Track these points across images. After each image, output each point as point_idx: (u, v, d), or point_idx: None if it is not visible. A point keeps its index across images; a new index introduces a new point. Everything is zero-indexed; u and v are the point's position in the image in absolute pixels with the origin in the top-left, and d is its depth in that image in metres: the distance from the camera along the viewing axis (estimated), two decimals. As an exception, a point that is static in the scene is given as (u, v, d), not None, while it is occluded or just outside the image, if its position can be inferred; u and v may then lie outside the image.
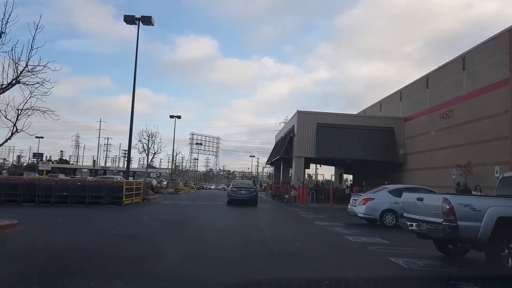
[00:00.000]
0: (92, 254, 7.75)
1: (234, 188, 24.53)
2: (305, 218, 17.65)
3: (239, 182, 27.45)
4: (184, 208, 21.49)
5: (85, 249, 8.27)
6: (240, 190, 23.62)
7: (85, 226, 12.28)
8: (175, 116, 53.51)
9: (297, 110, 33.25)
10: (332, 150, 31.92)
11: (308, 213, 20.28)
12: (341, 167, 54.58)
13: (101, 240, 9.64)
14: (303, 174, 33.08)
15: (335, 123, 32.94)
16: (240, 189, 23.85)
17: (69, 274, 6.05)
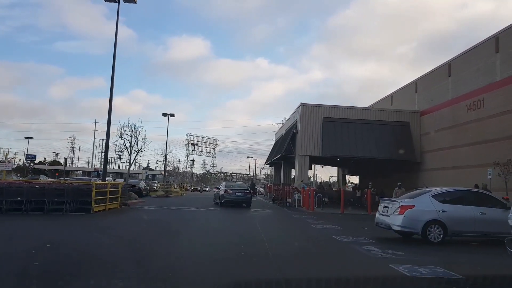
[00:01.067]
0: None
1: (229, 190, 23.61)
2: (320, 231, 13.63)
3: (233, 184, 26.75)
4: (167, 216, 17.46)
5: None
6: (235, 192, 23.05)
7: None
8: (168, 114, 49.74)
9: (300, 102, 29.30)
10: (340, 147, 27.96)
11: (319, 222, 16.28)
12: (344, 167, 50.65)
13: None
14: (307, 174, 29.16)
15: (343, 117, 29.01)
16: (235, 190, 23.32)
17: None
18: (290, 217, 18.96)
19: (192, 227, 13.45)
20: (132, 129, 25.53)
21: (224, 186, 24.78)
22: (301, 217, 18.85)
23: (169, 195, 36.29)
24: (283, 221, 17.05)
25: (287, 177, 36.74)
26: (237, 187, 24.95)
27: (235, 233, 12.28)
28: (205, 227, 13.90)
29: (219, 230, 12.95)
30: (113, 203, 20.08)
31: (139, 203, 24.46)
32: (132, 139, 25.68)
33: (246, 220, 16.36)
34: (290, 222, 16.92)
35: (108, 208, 19.01)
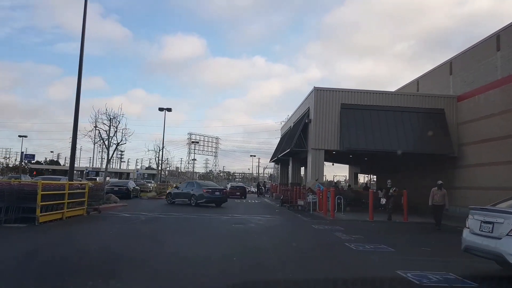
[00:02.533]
0: None
1: (208, 189, 23.49)
2: (366, 257, 8.56)
3: (207, 184, 26.52)
4: (139, 228, 12.48)
5: None
6: (214, 192, 23.40)
7: None
8: (164, 108, 44.99)
9: (314, 86, 24.26)
10: (362, 139, 22.89)
11: (354, 238, 11.27)
12: (356, 165, 45.55)
13: None
14: (322, 172, 24.16)
15: (365, 103, 23.96)
16: (214, 190, 23.72)
17: None
18: (309, 229, 13.88)
19: (165, 253, 8.41)
20: (110, 117, 20.61)
21: (198, 185, 24.13)
22: (324, 228, 13.79)
23: (162, 197, 31.29)
24: (304, 238, 11.92)
25: (296, 175, 31.67)
26: (213, 186, 25.34)
27: (236, 270, 7.23)
28: (186, 247, 8.88)
29: (211, 255, 7.92)
30: (77, 209, 15.15)
31: (117, 208, 19.49)
32: (111, 130, 20.77)
33: (251, 237, 11.32)
34: (313, 238, 11.80)
35: (67, 216, 14.08)
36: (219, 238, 10.46)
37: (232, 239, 10.47)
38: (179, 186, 26.04)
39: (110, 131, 20.55)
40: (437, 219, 14.49)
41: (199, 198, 22.55)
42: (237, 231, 12.26)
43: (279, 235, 12.20)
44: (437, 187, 14.92)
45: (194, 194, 22.81)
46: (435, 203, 14.55)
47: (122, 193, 28.73)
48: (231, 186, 40.89)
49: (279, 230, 13.51)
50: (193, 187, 23.55)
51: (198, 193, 22.76)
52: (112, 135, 20.70)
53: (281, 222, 15.92)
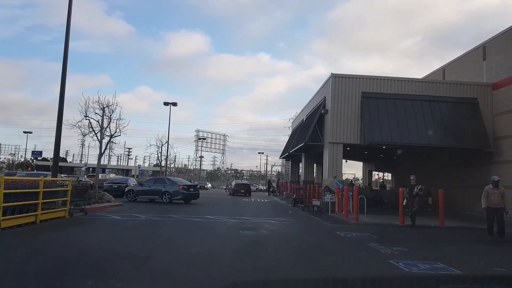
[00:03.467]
0: None
1: (184, 186, 22.97)
2: (428, 283, 5.90)
3: (181, 180, 26.38)
4: (125, 237, 9.92)
5: None
6: (189, 188, 23.04)
7: None
8: (170, 103, 42.70)
9: (331, 73, 21.53)
10: (386, 132, 20.15)
11: (396, 252, 8.63)
12: (371, 162, 42.74)
13: None
14: (341, 168, 21.47)
15: (388, 91, 21.23)
16: (189, 187, 23.44)
17: None
18: (335, 237, 11.20)
19: (148, 279, 5.83)
20: (102, 106, 18.11)
21: (172, 182, 23.21)
22: (352, 236, 11.12)
23: (164, 195, 28.85)
24: (333, 252, 9.20)
25: (309, 173, 28.99)
26: (187, 183, 25.10)
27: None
28: (175, 280, 6.28)
29: None
30: (56, 211, 12.67)
31: (110, 208, 17.01)
32: (105, 120, 18.29)
33: (265, 250, 8.73)
34: (346, 252, 9.07)
35: (43, 219, 11.61)
36: (223, 253, 7.86)
37: (241, 255, 7.87)
38: (143, 184, 24.64)
39: (103, 121, 18.07)
40: (500, 226, 10.99)
41: (174, 195, 21.72)
42: (246, 241, 9.67)
43: (301, 246, 9.56)
44: (491, 184, 11.69)
45: (168, 191, 21.88)
46: (491, 205, 11.32)
47: (121, 191, 26.31)
48: (235, 183, 39.65)
49: (298, 239, 10.86)
50: (165, 183, 22.44)
51: (173, 190, 21.88)
52: (105, 126, 18.22)
53: (299, 228, 13.27)
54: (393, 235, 11.96)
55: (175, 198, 21.73)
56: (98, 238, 9.37)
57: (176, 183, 22.53)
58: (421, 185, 15.83)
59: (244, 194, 35.45)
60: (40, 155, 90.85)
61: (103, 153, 18.27)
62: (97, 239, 9.29)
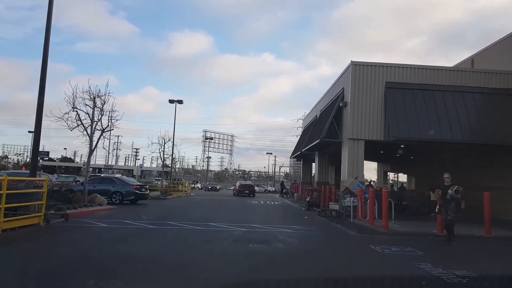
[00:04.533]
0: None
1: (137, 186, 21.38)
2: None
3: (132, 180, 24.56)
4: (102, 255, 7.52)
5: None
6: (141, 188, 21.40)
7: None
8: (175, 100, 40.43)
9: (351, 61, 19.05)
10: (415, 126, 17.62)
11: (465, 279, 6.17)
12: (385, 162, 40.11)
13: None
14: (362, 167, 18.96)
15: (415, 81, 18.71)
16: (141, 187, 21.75)
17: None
18: (371, 253, 8.69)
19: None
20: (93, 96, 15.83)
21: (122, 182, 21.56)
22: (392, 253, 8.64)
23: (167, 197, 26.52)
24: (376, 277, 6.78)
25: (323, 173, 26.47)
26: (138, 183, 23.61)
27: None
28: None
29: None
30: (27, 217, 10.39)
31: (100, 212, 14.72)
32: (95, 113, 16.01)
33: (283, 274, 6.33)
34: (392, 278, 6.65)
35: (7, 228, 9.33)
36: (226, 286, 5.43)
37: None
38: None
39: (94, 113, 15.78)
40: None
41: (126, 196, 20.30)
42: (258, 261, 7.24)
43: (331, 269, 7.10)
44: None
45: (119, 191, 20.41)
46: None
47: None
48: (240, 184, 39.24)
49: (326, 257, 8.38)
50: (115, 183, 20.90)
51: (125, 190, 20.48)
52: (97, 119, 15.93)
53: (322, 240, 10.79)
54: (440, 250, 9.48)
55: (127, 198, 20.28)
56: (59, 258, 7.02)
57: (128, 183, 21.18)
58: (456, 185, 13.09)
59: (248, 194, 35.80)
60: (47, 155, 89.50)
61: (95, 149, 16.01)
62: (56, 259, 6.94)
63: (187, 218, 14.11)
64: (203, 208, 19.91)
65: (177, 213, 16.28)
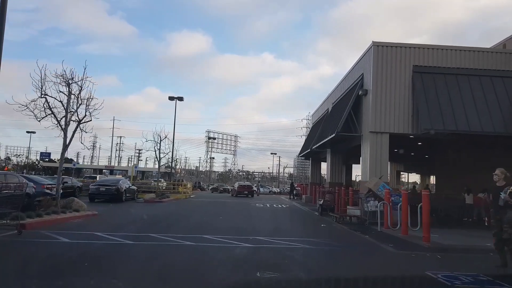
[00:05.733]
0: None
1: (48, 185, 17.81)
2: None
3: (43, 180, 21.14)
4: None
5: None
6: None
7: None
8: (175, 97, 37.78)
9: (372, 41, 16.21)
10: (450, 117, 14.75)
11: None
12: (399, 161, 37.20)
13: None
14: (386, 165, 16.14)
15: (448, 65, 15.88)
16: None
17: None
18: (435, 285, 5.90)
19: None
20: (67, 80, 13.08)
21: (34, 181, 18.19)
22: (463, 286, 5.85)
23: (163, 200, 23.75)
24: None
25: (336, 172, 23.58)
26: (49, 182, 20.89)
27: None
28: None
29: None
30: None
31: (73, 220, 11.99)
32: (71, 100, 13.29)
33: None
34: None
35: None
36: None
37: None
38: None
39: (70, 102, 13.06)
40: None
41: (33, 197, 17.54)
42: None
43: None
44: None
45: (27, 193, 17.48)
46: None
47: (110, 194, 21.51)
48: (239, 185, 38.62)
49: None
50: None
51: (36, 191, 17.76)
52: (75, 109, 13.20)
53: (353, 261, 7.91)
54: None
55: (36, 199, 17.76)
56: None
57: (40, 183, 18.36)
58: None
59: (247, 195, 35.39)
60: (49, 156, 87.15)
61: (69, 143, 13.25)
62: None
63: (178, 228, 11.34)
64: (201, 213, 17.11)
65: (168, 220, 13.50)
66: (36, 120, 12.39)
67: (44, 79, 12.41)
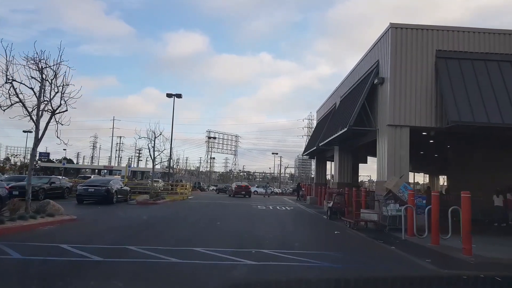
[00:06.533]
0: None
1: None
2: None
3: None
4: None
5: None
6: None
7: None
8: (173, 94, 35.91)
9: (390, 23, 14.28)
10: (480, 107, 12.81)
11: None
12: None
13: None
14: (407, 163, 14.19)
15: (476, 50, 13.93)
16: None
17: None
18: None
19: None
20: (40, 65, 11.16)
21: None
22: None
23: (157, 201, 21.79)
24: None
25: (345, 172, 21.58)
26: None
27: None
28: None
29: None
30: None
31: (41, 228, 10.06)
32: (45, 85, 11.39)
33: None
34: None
35: None
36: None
37: None
38: None
39: (43, 90, 11.14)
40: None
41: (5, 199, 16.27)
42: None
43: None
44: None
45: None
46: None
47: (100, 196, 19.59)
48: (236, 185, 38.24)
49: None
50: None
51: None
52: (49, 98, 11.27)
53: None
54: None
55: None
56: None
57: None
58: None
59: (244, 195, 35.02)
60: (48, 156, 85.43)
61: (42, 137, 11.31)
62: None
63: (165, 238, 9.39)
64: (196, 217, 15.13)
65: (156, 226, 11.55)
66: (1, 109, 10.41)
67: (11, 62, 10.47)
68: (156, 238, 9.24)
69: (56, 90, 11.50)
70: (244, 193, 35.72)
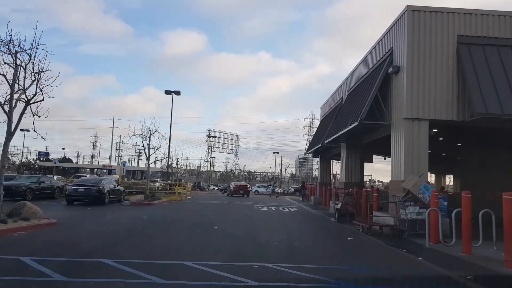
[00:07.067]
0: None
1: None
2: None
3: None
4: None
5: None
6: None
7: None
8: (172, 91, 34.53)
9: (406, 5, 12.85)
10: (507, 98, 11.40)
11: None
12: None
13: None
14: (426, 161, 12.74)
15: (501, 35, 12.51)
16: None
17: None
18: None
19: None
20: (14, 49, 9.76)
21: None
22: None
23: (152, 202, 20.38)
24: None
25: (352, 171, 20.11)
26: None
27: None
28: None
29: None
30: None
31: (10, 234, 8.65)
32: (19, 72, 10.01)
33: None
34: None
35: None
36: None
37: None
38: None
39: (16, 77, 9.77)
40: None
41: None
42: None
43: None
44: None
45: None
46: None
47: (90, 196, 18.28)
48: (234, 184, 37.97)
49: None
50: None
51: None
52: (24, 86, 9.88)
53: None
54: None
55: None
56: None
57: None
58: None
59: (242, 195, 34.72)
60: (47, 156, 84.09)
61: (15, 130, 9.92)
62: None
63: (151, 247, 7.98)
64: (191, 221, 13.67)
65: (144, 232, 10.14)
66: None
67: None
68: (141, 247, 7.84)
69: (33, 78, 10.11)
70: (243, 192, 35.52)
